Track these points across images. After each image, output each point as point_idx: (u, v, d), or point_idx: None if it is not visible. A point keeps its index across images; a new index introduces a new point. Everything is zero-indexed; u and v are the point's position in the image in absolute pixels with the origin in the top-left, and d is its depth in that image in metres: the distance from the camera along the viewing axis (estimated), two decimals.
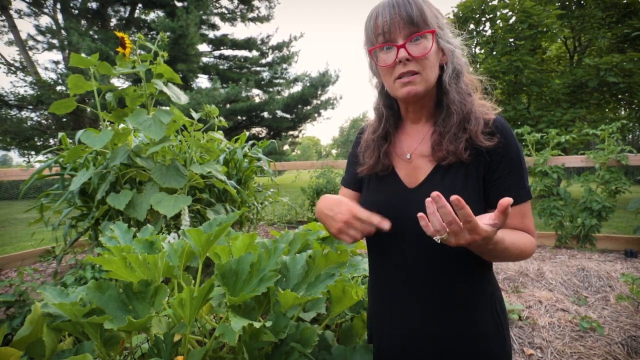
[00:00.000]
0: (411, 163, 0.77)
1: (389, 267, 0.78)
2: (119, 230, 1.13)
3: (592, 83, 6.19)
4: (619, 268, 2.79)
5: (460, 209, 0.51)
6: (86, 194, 2.54)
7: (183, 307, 0.75)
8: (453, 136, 0.71)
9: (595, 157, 3.39)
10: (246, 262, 0.82)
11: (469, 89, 0.76)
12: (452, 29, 0.76)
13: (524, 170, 0.72)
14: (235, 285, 0.80)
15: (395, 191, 0.77)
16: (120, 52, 2.19)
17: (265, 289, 0.75)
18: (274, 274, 0.78)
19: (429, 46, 0.68)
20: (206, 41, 16.65)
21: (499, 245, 0.61)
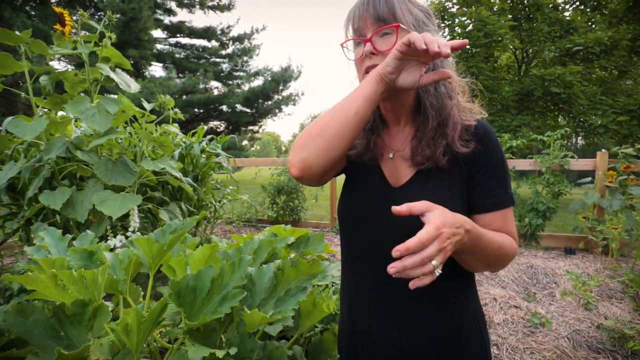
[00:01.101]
0: (394, 162, 0.75)
1: (369, 266, 0.74)
2: (50, 238, 0.96)
3: (537, 92, 6.68)
4: (562, 265, 3.00)
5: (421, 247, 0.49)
6: (15, 190, 2.23)
7: (129, 334, 0.63)
8: (431, 140, 0.70)
9: (542, 162, 3.63)
10: (206, 277, 0.71)
11: (451, 91, 0.72)
12: (436, 29, 0.73)
13: (507, 176, 0.71)
14: (193, 304, 0.69)
15: (379, 187, 0.75)
16: (58, 30, 1.93)
17: (229, 309, 0.66)
18: (239, 291, 0.68)
19: (394, 41, 0.67)
20: (161, 27, 15.68)
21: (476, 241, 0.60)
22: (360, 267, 0.76)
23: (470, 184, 0.69)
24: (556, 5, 8.00)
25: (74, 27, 1.97)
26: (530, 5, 7.51)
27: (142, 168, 2.02)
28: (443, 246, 0.51)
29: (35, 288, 0.70)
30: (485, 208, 0.69)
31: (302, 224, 4.95)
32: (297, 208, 4.98)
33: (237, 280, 0.71)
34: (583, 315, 2.16)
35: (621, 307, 2.24)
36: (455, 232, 0.54)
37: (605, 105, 6.76)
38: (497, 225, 0.69)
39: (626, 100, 6.86)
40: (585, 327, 2.02)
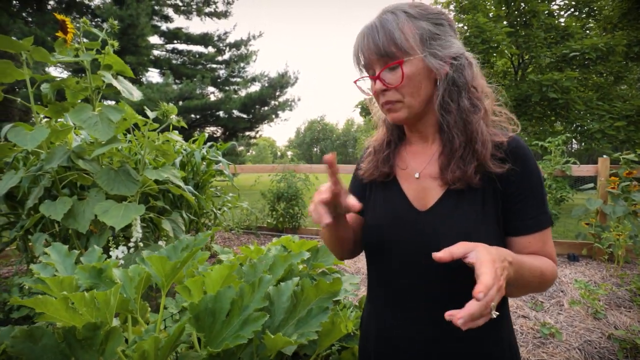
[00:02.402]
0: (420, 183, 0.70)
1: (397, 298, 0.70)
2: (56, 254, 0.92)
3: (535, 97, 6.72)
4: (568, 272, 2.98)
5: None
6: (14, 199, 2.19)
7: None
8: (460, 160, 0.66)
9: (544, 167, 3.62)
10: (225, 298, 0.68)
11: (477, 102, 0.67)
12: (451, 33, 0.68)
13: (544, 196, 0.67)
14: (212, 328, 0.66)
15: (403, 211, 0.70)
16: (60, 38, 1.90)
17: (251, 334, 0.62)
18: (261, 314, 0.65)
19: (403, 74, 0.64)
20: (158, 33, 15.70)
21: (519, 271, 0.57)
22: (388, 297, 0.71)
23: (507, 204, 0.65)
24: (551, 12, 8.10)
25: (76, 34, 1.94)
26: (527, 12, 7.59)
27: (145, 177, 1.98)
28: (500, 284, 0.48)
29: (45, 311, 0.67)
30: (525, 230, 0.65)
31: (302, 231, 4.91)
32: (297, 215, 4.93)
33: (257, 301, 0.68)
34: (593, 325, 2.14)
35: (630, 315, 2.22)
36: (504, 266, 0.52)
37: (602, 111, 6.82)
38: (535, 248, 0.65)
39: (622, 105, 6.92)
40: (596, 338, 1.99)
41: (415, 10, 0.66)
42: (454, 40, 0.68)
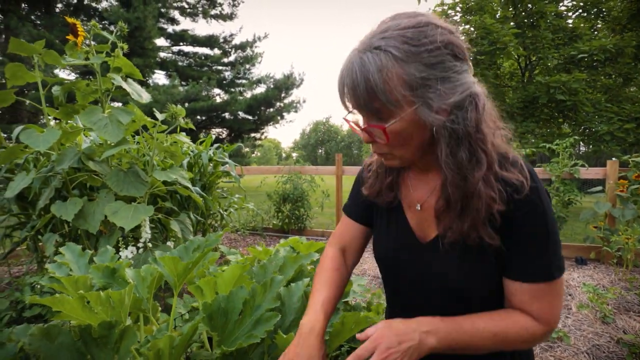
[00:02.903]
0: (422, 214, 0.68)
1: (403, 305, 0.73)
2: (70, 254, 0.94)
3: (542, 99, 6.67)
4: (576, 276, 2.96)
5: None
6: (25, 200, 2.22)
7: (161, 359, 0.61)
8: (457, 218, 0.60)
9: (552, 170, 3.60)
10: (237, 298, 0.69)
11: (482, 152, 0.57)
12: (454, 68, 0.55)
13: (549, 247, 0.58)
14: (225, 327, 0.67)
15: (406, 242, 0.69)
16: (71, 41, 1.93)
17: (264, 334, 0.63)
18: (274, 314, 0.65)
19: (388, 136, 0.57)
20: (164, 35, 15.84)
21: (451, 337, 0.57)
22: (399, 308, 0.75)
23: (504, 243, 0.59)
24: (559, 13, 8.04)
25: (86, 37, 1.96)
26: (534, 13, 7.54)
27: (154, 178, 2.00)
28: (384, 356, 0.52)
29: (62, 310, 0.68)
30: (510, 275, 0.60)
31: (308, 233, 4.92)
32: (303, 216, 4.95)
33: (269, 301, 0.69)
34: (601, 329, 2.12)
35: (639, 320, 2.20)
36: (403, 339, 0.54)
37: (610, 113, 6.75)
38: (520, 299, 0.59)
39: (632, 107, 6.85)
40: (605, 342, 1.97)
41: (406, 48, 0.52)
42: (458, 77, 0.55)
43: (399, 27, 0.54)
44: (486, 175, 0.57)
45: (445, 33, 0.54)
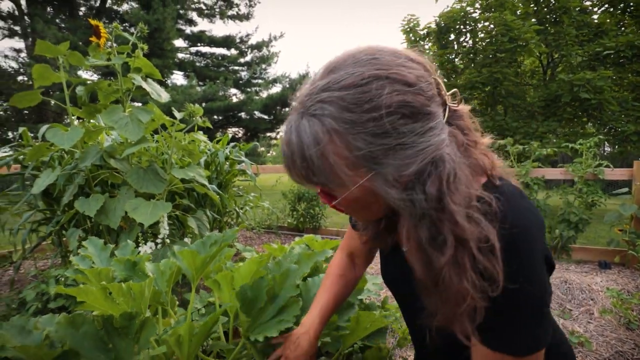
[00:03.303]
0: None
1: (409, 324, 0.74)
2: (93, 248, 0.97)
3: (565, 98, 6.47)
4: (599, 280, 2.86)
5: None
6: (50, 196, 2.31)
7: (181, 346, 0.62)
8: (427, 299, 0.53)
9: (574, 170, 3.49)
10: (261, 288, 0.70)
11: (450, 232, 0.45)
12: (424, 127, 0.46)
13: (516, 318, 0.47)
14: (252, 315, 0.69)
15: (405, 275, 0.63)
16: (94, 42, 1.99)
17: (293, 319, 0.65)
18: (295, 300, 0.67)
19: (338, 208, 0.53)
20: (182, 37, 16.16)
21: None
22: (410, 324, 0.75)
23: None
24: (584, 8, 7.77)
25: (109, 39, 2.02)
26: (557, 8, 7.29)
27: (172, 176, 2.05)
28: None
29: (86, 300, 0.71)
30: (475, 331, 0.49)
31: (323, 232, 4.93)
32: (318, 215, 4.95)
33: (289, 289, 0.71)
34: (625, 335, 2.04)
35: None
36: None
37: (638, 112, 6.49)
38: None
39: None
40: (629, 349, 1.90)
41: (346, 117, 0.44)
42: (419, 141, 0.45)
43: (339, 86, 0.45)
44: (456, 261, 0.45)
45: (395, 93, 0.44)
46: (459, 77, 7.86)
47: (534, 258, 0.46)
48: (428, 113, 0.46)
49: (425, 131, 0.45)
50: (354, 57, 0.47)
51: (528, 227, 0.47)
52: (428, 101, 0.46)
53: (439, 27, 7.90)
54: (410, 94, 0.45)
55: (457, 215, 0.44)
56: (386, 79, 0.44)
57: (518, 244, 0.45)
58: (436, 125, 0.46)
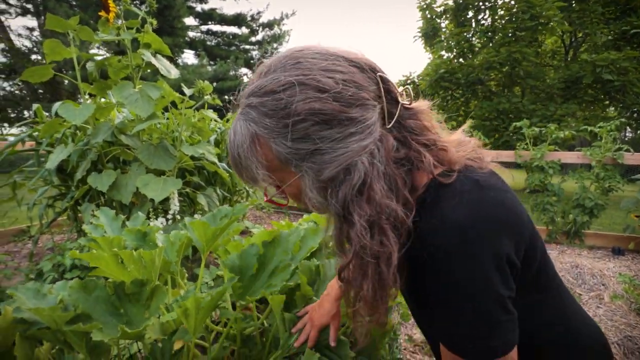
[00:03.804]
0: None
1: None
2: (105, 218, 0.99)
3: (587, 79, 6.21)
4: (612, 266, 2.82)
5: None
6: (64, 172, 2.35)
7: (188, 318, 0.63)
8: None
9: (592, 154, 3.39)
10: (250, 256, 0.72)
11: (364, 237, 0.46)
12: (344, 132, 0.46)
13: (460, 316, 0.46)
14: (242, 281, 0.69)
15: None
16: (103, 17, 1.98)
17: (281, 282, 0.66)
18: (286, 264, 0.68)
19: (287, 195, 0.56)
20: (193, 14, 15.93)
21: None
22: None
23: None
24: None
25: (118, 14, 2.00)
26: None
27: (181, 153, 2.06)
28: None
29: (98, 265, 0.72)
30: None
31: None
32: None
33: (279, 255, 0.72)
34: (635, 320, 2.02)
35: None
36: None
37: None
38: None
39: None
40: (638, 334, 1.88)
41: (267, 123, 0.47)
42: (336, 147, 0.46)
43: (261, 92, 0.48)
44: (360, 267, 0.47)
45: (306, 100, 0.45)
46: (476, 56, 7.60)
47: (468, 256, 0.44)
48: (347, 119, 0.46)
49: (344, 137, 0.46)
50: (281, 61, 0.49)
51: (464, 225, 0.44)
52: (346, 107, 0.46)
53: (457, 4, 7.61)
54: (322, 101, 0.45)
55: (359, 226, 0.45)
56: (301, 85, 0.45)
57: (448, 245, 0.44)
58: (359, 130, 0.46)
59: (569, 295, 0.63)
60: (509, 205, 0.47)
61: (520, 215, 0.48)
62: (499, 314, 0.45)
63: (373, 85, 0.48)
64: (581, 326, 0.62)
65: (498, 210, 0.46)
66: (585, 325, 0.63)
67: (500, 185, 0.51)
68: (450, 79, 7.76)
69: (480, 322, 0.45)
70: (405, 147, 0.50)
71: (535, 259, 0.52)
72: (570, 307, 0.62)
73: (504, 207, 0.47)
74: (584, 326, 0.62)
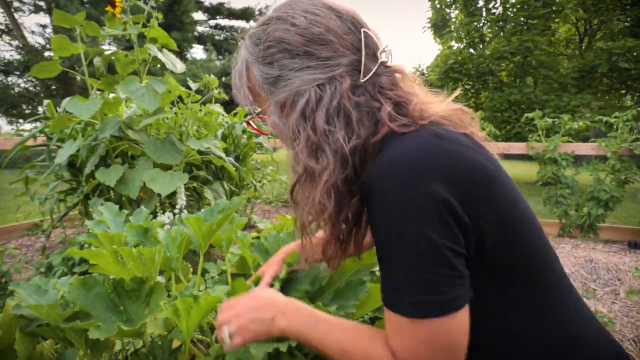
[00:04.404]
0: None
1: None
2: (108, 212, 0.99)
3: (602, 68, 6.01)
4: (628, 260, 2.74)
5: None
6: (75, 167, 2.38)
7: (179, 318, 0.63)
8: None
9: (608, 145, 3.28)
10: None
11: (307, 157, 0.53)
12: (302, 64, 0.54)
13: (391, 264, 0.45)
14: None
15: None
16: (109, 12, 1.98)
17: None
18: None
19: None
20: (201, 9, 15.92)
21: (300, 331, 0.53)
22: None
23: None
24: None
25: (124, 9, 2.00)
26: None
27: (188, 147, 2.06)
28: (235, 312, 0.55)
29: (98, 262, 0.72)
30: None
31: None
32: None
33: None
34: None
35: None
36: (261, 306, 0.55)
37: None
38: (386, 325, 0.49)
39: None
40: None
41: (252, 50, 0.57)
42: (293, 75, 0.54)
43: (256, 24, 0.57)
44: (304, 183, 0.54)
45: (279, 30, 0.54)
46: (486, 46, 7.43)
47: (398, 190, 0.43)
48: (305, 52, 0.53)
49: (300, 68, 0.53)
50: (281, 3, 0.57)
51: (396, 161, 0.45)
52: (308, 42, 0.52)
53: None
54: (289, 32, 0.53)
55: (303, 146, 0.52)
56: (281, 20, 0.54)
57: (379, 181, 0.45)
58: (316, 65, 0.52)
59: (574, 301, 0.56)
60: (458, 155, 0.46)
61: (472, 171, 0.46)
62: (435, 264, 0.42)
63: (350, 35, 0.54)
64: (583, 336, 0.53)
65: (440, 153, 0.45)
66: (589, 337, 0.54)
67: (466, 143, 0.49)
68: (460, 70, 7.59)
69: (414, 270, 0.43)
70: (367, 95, 0.53)
71: (504, 235, 0.48)
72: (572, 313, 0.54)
73: (450, 154, 0.45)
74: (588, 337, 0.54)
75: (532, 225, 0.51)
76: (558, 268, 0.56)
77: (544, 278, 0.52)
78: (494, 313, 0.49)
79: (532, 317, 0.51)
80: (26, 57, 11.90)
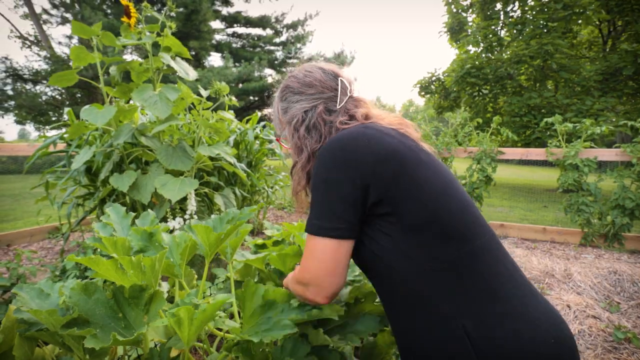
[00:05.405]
0: None
1: None
2: (115, 215, 1.00)
3: (627, 71, 5.77)
4: None
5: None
6: (92, 173, 2.44)
7: (180, 327, 0.62)
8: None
9: (633, 151, 3.14)
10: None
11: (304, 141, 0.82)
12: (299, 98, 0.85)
13: (317, 201, 0.69)
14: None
15: None
16: (125, 22, 2.04)
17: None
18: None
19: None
20: (219, 18, 16.26)
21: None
22: None
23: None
24: None
25: (139, 19, 2.05)
26: None
27: (199, 153, 2.08)
28: None
29: (97, 270, 0.72)
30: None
31: None
32: None
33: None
34: None
35: None
36: None
37: None
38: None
39: None
40: None
41: (278, 94, 0.91)
42: (293, 106, 0.85)
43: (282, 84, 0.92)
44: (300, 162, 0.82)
45: (288, 81, 0.90)
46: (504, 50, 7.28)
47: (327, 162, 0.68)
48: (300, 92, 0.85)
49: (297, 101, 0.85)
50: (297, 67, 0.94)
51: (331, 140, 0.70)
52: (303, 86, 0.85)
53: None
54: (293, 82, 0.88)
55: (295, 145, 0.83)
56: (290, 76, 0.91)
57: (323, 151, 0.69)
58: (305, 99, 0.84)
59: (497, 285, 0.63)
60: (373, 137, 0.68)
61: (383, 149, 0.66)
62: (336, 207, 0.65)
63: (330, 82, 0.85)
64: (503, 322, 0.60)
65: (361, 136, 0.68)
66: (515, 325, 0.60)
67: (388, 132, 0.71)
68: (477, 75, 7.44)
69: (321, 205, 0.67)
70: (335, 115, 0.81)
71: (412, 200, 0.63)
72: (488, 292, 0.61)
73: (368, 136, 0.68)
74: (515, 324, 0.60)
75: (448, 200, 0.66)
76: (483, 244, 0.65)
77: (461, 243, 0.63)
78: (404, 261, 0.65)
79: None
80: (53, 67, 12.41)
